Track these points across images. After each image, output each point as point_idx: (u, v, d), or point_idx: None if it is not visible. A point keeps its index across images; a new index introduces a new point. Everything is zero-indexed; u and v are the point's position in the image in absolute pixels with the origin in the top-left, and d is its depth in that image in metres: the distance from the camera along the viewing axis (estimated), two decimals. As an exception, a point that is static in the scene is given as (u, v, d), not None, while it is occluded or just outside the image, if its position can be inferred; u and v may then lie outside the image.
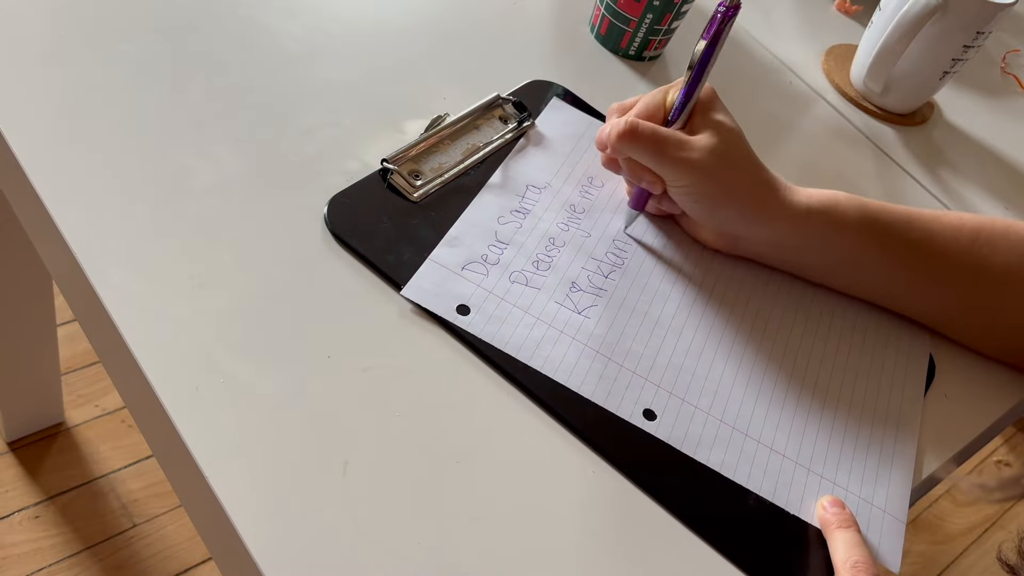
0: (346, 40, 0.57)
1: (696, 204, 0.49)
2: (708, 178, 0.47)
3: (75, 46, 0.49)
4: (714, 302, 0.50)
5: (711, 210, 0.49)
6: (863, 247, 0.49)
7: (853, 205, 0.49)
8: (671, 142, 0.47)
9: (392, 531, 0.37)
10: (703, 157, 0.47)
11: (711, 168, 0.47)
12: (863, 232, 0.49)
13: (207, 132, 0.48)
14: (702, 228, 0.52)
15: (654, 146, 0.47)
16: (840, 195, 0.50)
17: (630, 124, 0.47)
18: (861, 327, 0.52)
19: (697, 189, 0.48)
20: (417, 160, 0.50)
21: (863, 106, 0.71)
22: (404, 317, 0.44)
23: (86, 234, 0.42)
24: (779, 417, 0.46)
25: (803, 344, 0.50)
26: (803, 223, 0.49)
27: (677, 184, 0.48)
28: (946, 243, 0.50)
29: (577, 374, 0.44)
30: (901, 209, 0.50)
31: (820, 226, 0.49)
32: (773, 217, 0.49)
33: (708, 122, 0.48)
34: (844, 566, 0.40)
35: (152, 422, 0.40)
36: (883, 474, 0.46)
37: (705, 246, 0.53)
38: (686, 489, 0.42)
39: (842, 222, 0.49)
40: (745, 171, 0.48)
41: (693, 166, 0.47)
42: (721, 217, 0.49)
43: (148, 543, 1.06)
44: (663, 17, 0.61)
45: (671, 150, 0.47)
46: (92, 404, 1.15)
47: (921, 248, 0.49)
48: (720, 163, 0.47)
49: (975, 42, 0.65)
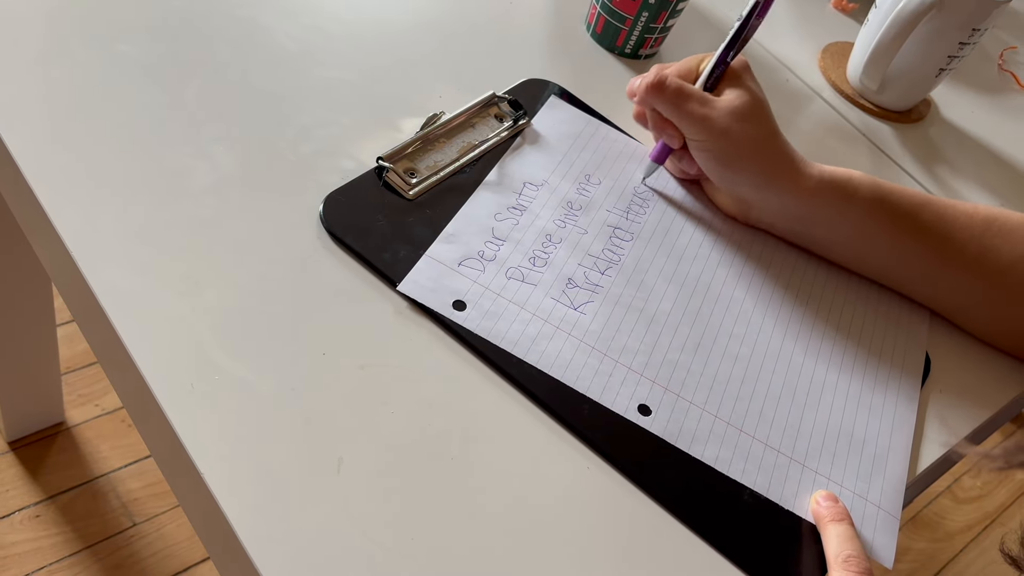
0: (343, 39, 0.57)
1: (710, 163, 0.51)
2: (723, 137, 0.49)
3: (72, 46, 0.50)
4: (709, 299, 0.50)
5: (724, 170, 0.51)
6: (873, 224, 0.50)
7: (866, 182, 0.50)
8: (694, 98, 0.50)
9: (387, 527, 0.37)
10: (722, 116, 0.49)
11: (727, 128, 0.49)
12: (874, 209, 0.50)
13: (203, 131, 0.48)
14: (718, 191, 0.54)
15: (677, 99, 0.50)
16: (855, 173, 0.51)
17: (659, 77, 0.50)
18: (857, 324, 0.53)
19: (712, 147, 0.50)
20: (413, 158, 0.51)
21: (860, 103, 0.71)
22: (400, 314, 0.44)
23: (83, 233, 0.42)
24: (774, 413, 0.47)
25: (798, 340, 0.50)
26: (813, 195, 0.50)
27: (694, 139, 0.50)
28: (959, 228, 0.50)
29: (572, 370, 0.44)
30: (916, 192, 0.51)
31: (830, 199, 0.50)
32: (784, 185, 0.50)
33: (735, 86, 0.51)
34: (836, 560, 0.40)
35: (149, 421, 0.41)
36: (878, 470, 0.46)
37: (721, 212, 0.55)
38: (680, 484, 0.42)
39: (853, 197, 0.50)
40: (762, 137, 0.50)
41: (711, 123, 0.49)
42: (733, 179, 0.51)
43: (148, 542, 1.06)
44: (659, 15, 0.61)
45: (693, 105, 0.50)
46: (92, 404, 1.16)
47: (932, 231, 0.50)
48: (737, 125, 0.49)
49: (971, 39, 0.65)
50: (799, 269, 0.54)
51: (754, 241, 0.55)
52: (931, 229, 0.50)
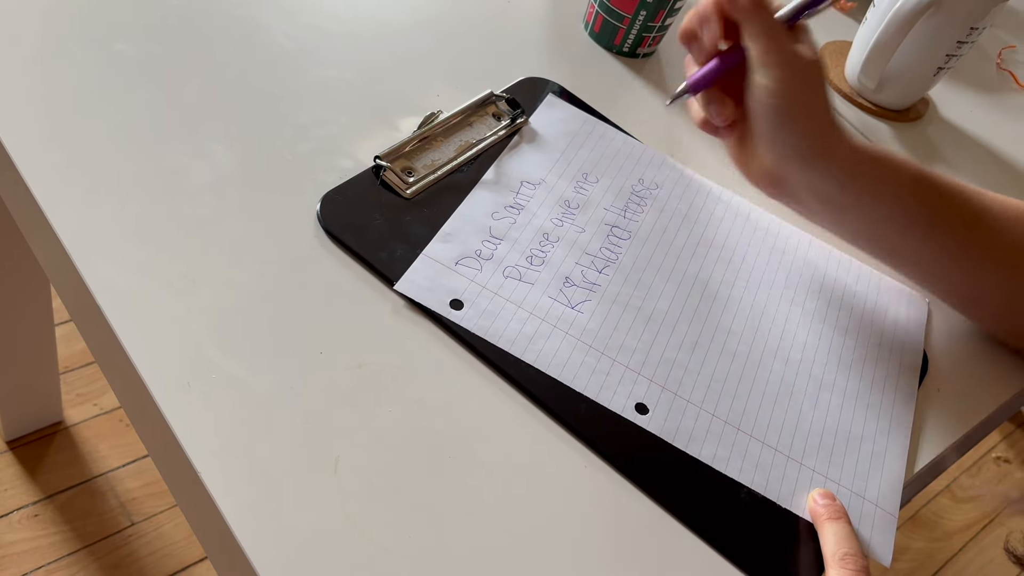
0: (341, 39, 0.57)
1: (771, 114, 0.47)
2: (796, 81, 0.46)
3: (70, 45, 0.50)
4: (706, 298, 0.50)
5: (781, 126, 0.47)
6: (916, 203, 0.48)
7: (911, 165, 0.48)
8: (783, 32, 0.47)
9: (384, 526, 0.37)
10: (801, 59, 0.46)
11: (803, 74, 0.46)
12: (918, 187, 0.48)
13: (201, 130, 0.48)
14: (755, 155, 0.49)
15: (769, 23, 0.46)
16: (899, 155, 0.49)
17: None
18: (855, 323, 0.53)
19: (780, 89, 0.46)
20: (410, 157, 0.51)
21: (858, 102, 0.71)
22: (397, 313, 0.44)
23: (80, 232, 0.42)
24: (771, 411, 0.47)
25: (796, 339, 0.50)
26: (857, 164, 0.47)
27: (766, 78, 0.46)
28: (994, 216, 0.49)
29: (570, 368, 0.44)
30: (953, 179, 0.50)
31: (875, 173, 0.48)
32: (830, 152, 0.47)
33: (808, 43, 0.48)
34: (833, 558, 0.40)
35: (146, 420, 0.41)
36: (875, 468, 0.46)
37: (750, 180, 0.51)
38: (678, 483, 0.42)
39: (896, 175, 0.48)
40: (823, 99, 0.47)
41: (793, 62, 0.46)
42: (784, 141, 0.47)
43: (146, 541, 1.06)
44: (657, 14, 0.61)
45: (781, 36, 0.46)
46: (90, 403, 1.16)
47: (970, 215, 0.49)
48: (810, 75, 0.46)
49: (969, 38, 0.65)
50: (797, 269, 0.54)
51: (752, 240, 0.55)
52: (969, 213, 0.48)
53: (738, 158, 0.51)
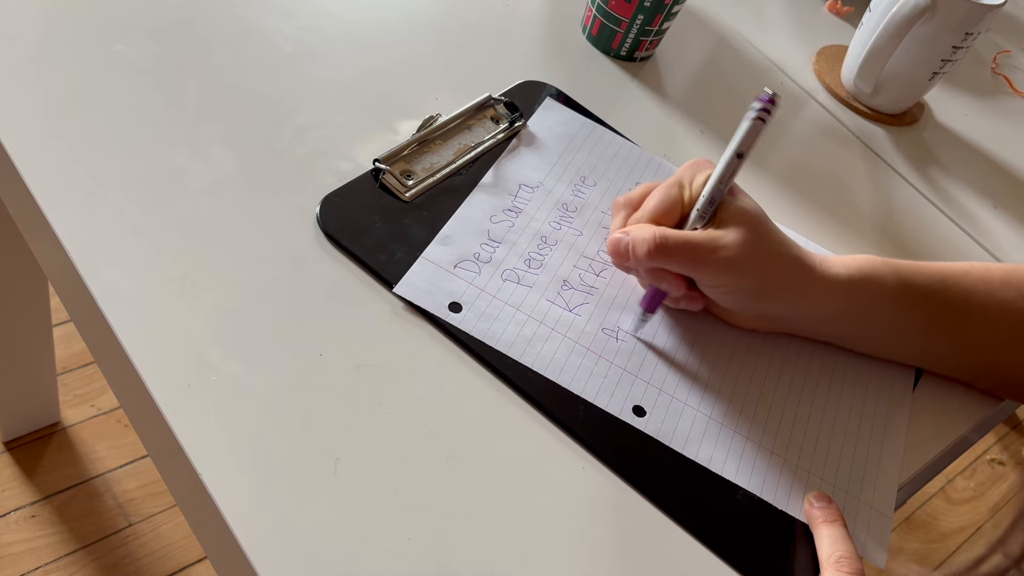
0: (339, 41, 0.57)
1: (735, 300, 0.47)
2: (747, 274, 0.45)
3: (69, 46, 0.50)
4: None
5: (753, 303, 0.47)
6: (906, 316, 0.48)
7: (890, 271, 0.48)
8: (704, 246, 0.45)
9: (383, 527, 0.38)
10: (739, 254, 0.44)
11: (749, 264, 0.45)
12: (905, 300, 0.48)
13: (200, 132, 0.48)
14: (738, 316, 0.49)
15: (689, 254, 0.45)
16: (875, 260, 0.48)
17: (660, 237, 0.45)
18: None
19: (737, 286, 0.46)
20: (409, 160, 0.51)
21: (854, 107, 0.71)
22: (396, 315, 0.44)
23: (80, 233, 0.42)
24: (767, 414, 0.47)
25: (792, 341, 0.51)
26: (845, 297, 0.47)
27: (714, 285, 0.46)
28: (981, 299, 0.49)
29: (568, 371, 0.45)
30: (933, 268, 0.49)
31: (861, 298, 0.48)
32: (816, 296, 0.47)
33: (732, 212, 0.45)
34: (828, 561, 0.40)
35: (146, 421, 0.41)
36: (870, 470, 0.46)
37: (739, 327, 0.50)
38: (675, 485, 0.43)
39: (882, 291, 0.48)
40: (781, 257, 0.46)
41: (732, 265, 0.45)
42: (763, 307, 0.48)
43: (144, 542, 1.06)
44: (654, 18, 0.62)
45: (706, 254, 0.44)
46: (88, 404, 1.16)
47: (960, 310, 0.49)
48: (757, 256, 0.45)
49: (964, 43, 0.66)
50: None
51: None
52: (958, 303, 0.49)
53: (721, 312, 0.50)
